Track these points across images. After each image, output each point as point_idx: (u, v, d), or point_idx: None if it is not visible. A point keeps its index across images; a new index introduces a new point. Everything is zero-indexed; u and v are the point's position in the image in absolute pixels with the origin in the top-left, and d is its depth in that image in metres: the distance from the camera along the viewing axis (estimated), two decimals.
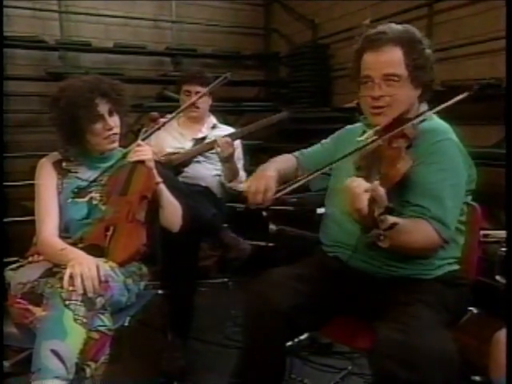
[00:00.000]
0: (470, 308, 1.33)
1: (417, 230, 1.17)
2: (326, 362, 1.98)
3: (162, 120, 1.82)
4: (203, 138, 2.37)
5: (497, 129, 2.52)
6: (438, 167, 1.23)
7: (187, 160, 2.26)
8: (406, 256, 1.24)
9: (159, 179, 1.64)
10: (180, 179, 2.20)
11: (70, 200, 1.56)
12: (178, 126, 2.45)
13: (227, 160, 2.19)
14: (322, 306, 1.30)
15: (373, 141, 1.22)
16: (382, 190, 1.01)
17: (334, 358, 1.99)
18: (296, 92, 3.93)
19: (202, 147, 2.27)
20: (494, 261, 1.64)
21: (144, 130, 1.76)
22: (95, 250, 1.47)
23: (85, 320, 1.24)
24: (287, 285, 1.29)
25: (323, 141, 1.64)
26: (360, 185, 1.04)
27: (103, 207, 1.58)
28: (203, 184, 2.31)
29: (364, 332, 1.24)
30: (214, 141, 2.16)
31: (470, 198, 1.35)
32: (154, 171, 1.62)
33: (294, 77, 3.98)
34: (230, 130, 2.37)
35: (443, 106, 1.22)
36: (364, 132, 1.37)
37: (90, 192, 1.59)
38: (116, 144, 1.64)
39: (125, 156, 1.65)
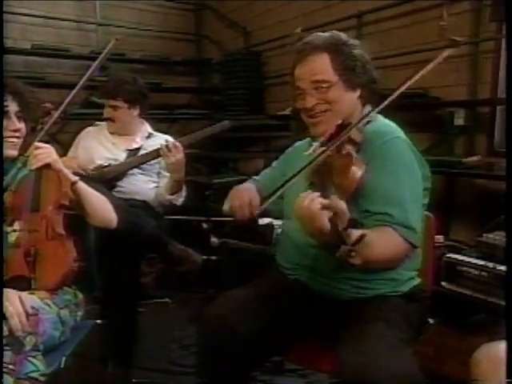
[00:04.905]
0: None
1: (383, 240, 1.10)
2: (278, 381, 1.91)
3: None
4: (138, 149, 2.22)
5: (424, 136, 2.63)
6: (391, 169, 1.18)
7: (122, 173, 2.10)
8: (371, 275, 1.19)
9: (74, 178, 1.46)
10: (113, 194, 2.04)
11: None
12: (110, 135, 2.28)
13: (175, 169, 2.01)
14: (284, 329, 1.23)
15: (321, 152, 1.16)
16: (341, 203, 0.95)
17: (286, 375, 1.93)
18: (229, 99, 3.89)
19: (142, 158, 2.12)
20: (439, 266, 1.68)
21: (39, 127, 1.54)
22: (20, 282, 1.30)
23: (12, 367, 1.07)
24: (246, 308, 1.21)
25: (274, 163, 1.58)
26: (315, 201, 0.98)
27: (8, 229, 1.39)
28: (139, 198, 2.15)
29: (328, 354, 1.19)
30: (159, 148, 2.00)
31: (427, 199, 1.30)
32: (65, 171, 1.44)
33: (227, 84, 3.93)
34: (166, 138, 2.22)
35: (384, 103, 1.18)
36: (311, 145, 1.31)
37: None
38: (15, 152, 1.45)
39: (25, 164, 1.45)
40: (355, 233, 0.92)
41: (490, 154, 2.39)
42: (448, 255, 1.72)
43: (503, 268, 1.59)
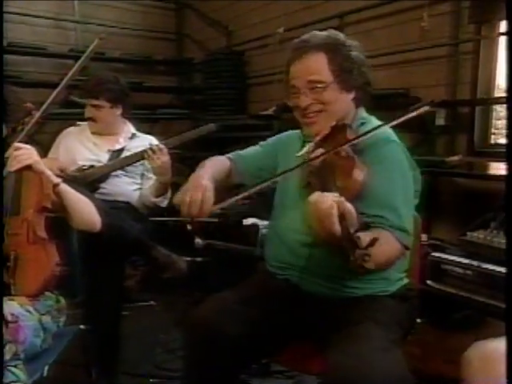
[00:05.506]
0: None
1: (382, 243, 1.06)
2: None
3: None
4: (121, 150, 2.18)
5: (406, 136, 2.65)
6: (387, 174, 1.19)
7: (105, 175, 2.06)
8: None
9: (56, 180, 1.42)
10: (96, 196, 1.99)
11: None
12: (92, 136, 2.22)
13: (161, 172, 1.99)
14: (272, 331, 1.21)
15: (320, 155, 1.14)
16: (349, 205, 0.93)
17: (274, 377, 1.92)
18: (211, 99, 3.85)
19: (126, 160, 2.08)
20: (424, 265, 1.69)
21: (20, 128, 1.49)
22: None
23: None
24: (234, 310, 1.19)
25: (262, 143, 1.53)
26: (325, 200, 0.96)
27: None
28: (122, 200, 2.11)
29: (317, 356, 1.18)
30: (144, 151, 1.97)
31: (416, 200, 1.32)
32: (47, 172, 1.39)
33: (209, 83, 3.90)
34: (150, 139, 2.20)
35: (397, 121, 1.18)
36: (303, 144, 1.31)
37: None
38: None
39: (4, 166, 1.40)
40: (366, 237, 0.91)
41: (470, 154, 2.43)
42: (433, 254, 1.74)
43: (488, 266, 1.62)
